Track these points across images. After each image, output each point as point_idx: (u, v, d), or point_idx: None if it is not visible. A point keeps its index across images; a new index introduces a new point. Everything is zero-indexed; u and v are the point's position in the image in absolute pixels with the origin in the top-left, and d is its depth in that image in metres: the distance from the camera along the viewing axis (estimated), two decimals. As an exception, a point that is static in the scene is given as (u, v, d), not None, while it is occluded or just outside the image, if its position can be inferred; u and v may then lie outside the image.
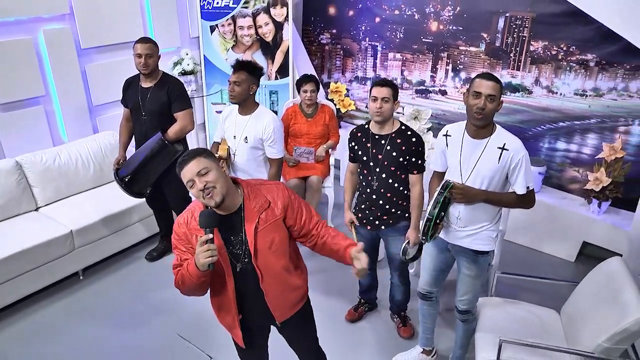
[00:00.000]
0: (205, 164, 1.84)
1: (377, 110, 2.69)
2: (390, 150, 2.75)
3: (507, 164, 2.33)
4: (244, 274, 1.96)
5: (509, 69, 4.40)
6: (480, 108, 2.25)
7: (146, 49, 3.31)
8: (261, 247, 1.92)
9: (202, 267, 1.78)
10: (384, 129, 2.77)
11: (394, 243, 2.93)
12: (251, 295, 2.01)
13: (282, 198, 1.97)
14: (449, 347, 3.03)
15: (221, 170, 1.88)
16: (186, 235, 1.93)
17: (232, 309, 2.02)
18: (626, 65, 3.78)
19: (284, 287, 2.04)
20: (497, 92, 2.26)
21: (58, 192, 3.88)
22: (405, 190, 2.85)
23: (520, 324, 2.73)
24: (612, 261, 2.60)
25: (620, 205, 3.93)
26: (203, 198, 1.84)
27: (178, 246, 1.96)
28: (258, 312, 2.06)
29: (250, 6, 4.90)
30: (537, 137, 4.38)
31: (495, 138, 2.35)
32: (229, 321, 2.09)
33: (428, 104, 4.93)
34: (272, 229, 1.94)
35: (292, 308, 2.14)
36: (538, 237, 4.19)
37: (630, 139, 3.89)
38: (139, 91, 3.47)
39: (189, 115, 3.49)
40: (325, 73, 5.71)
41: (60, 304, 3.49)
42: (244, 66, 3.00)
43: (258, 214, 1.92)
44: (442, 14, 4.66)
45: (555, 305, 2.89)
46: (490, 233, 2.49)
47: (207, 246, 1.76)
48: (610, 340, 2.26)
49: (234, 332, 2.13)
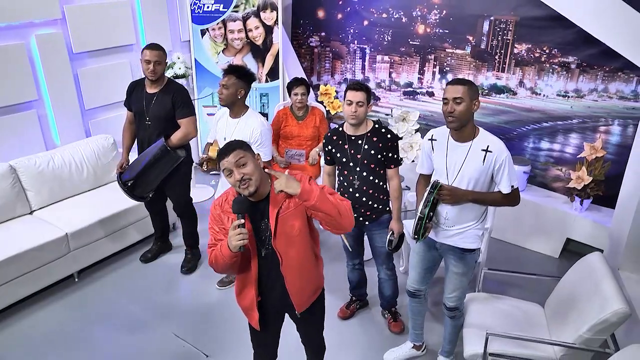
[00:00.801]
0: (244, 157, 1.99)
1: (352, 114, 2.80)
2: (368, 149, 2.87)
3: (492, 165, 2.43)
4: (268, 259, 2.13)
5: (494, 71, 4.52)
6: (449, 112, 2.37)
7: (155, 56, 3.36)
8: (281, 231, 2.07)
9: (234, 249, 1.95)
10: (359, 130, 2.90)
11: (378, 237, 3.04)
12: (272, 279, 2.17)
13: None
14: (438, 342, 3.13)
15: (257, 162, 2.03)
16: (220, 217, 2.12)
17: (252, 290, 2.17)
18: (605, 67, 3.92)
19: (302, 274, 2.19)
20: (464, 94, 2.35)
21: (52, 195, 3.92)
22: (385, 185, 2.99)
23: (506, 318, 2.84)
24: (592, 256, 2.73)
25: (601, 203, 4.07)
26: (239, 187, 1.99)
27: (213, 226, 2.14)
28: (277, 297, 2.21)
29: (240, 10, 4.96)
30: (521, 137, 4.51)
31: (478, 141, 2.46)
32: (248, 303, 2.23)
33: (416, 105, 5.04)
34: (293, 216, 2.08)
35: (310, 297, 2.29)
36: (523, 234, 4.32)
37: (610, 138, 4.03)
38: (144, 96, 3.50)
39: (193, 122, 3.54)
40: (314, 75, 5.79)
41: (56, 306, 3.53)
42: (234, 70, 3.09)
43: (281, 201, 2.06)
44: (428, 17, 4.76)
45: (540, 300, 3.01)
46: (476, 231, 2.59)
47: (239, 230, 1.93)
48: (590, 331, 2.38)
49: (250, 315, 2.26)
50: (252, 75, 3.18)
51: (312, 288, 2.29)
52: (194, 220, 3.89)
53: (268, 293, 2.21)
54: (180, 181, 3.70)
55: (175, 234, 4.31)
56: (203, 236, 4.19)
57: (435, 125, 4.91)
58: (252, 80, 3.19)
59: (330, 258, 4.09)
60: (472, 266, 2.70)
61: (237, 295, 2.28)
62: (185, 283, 3.84)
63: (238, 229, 1.93)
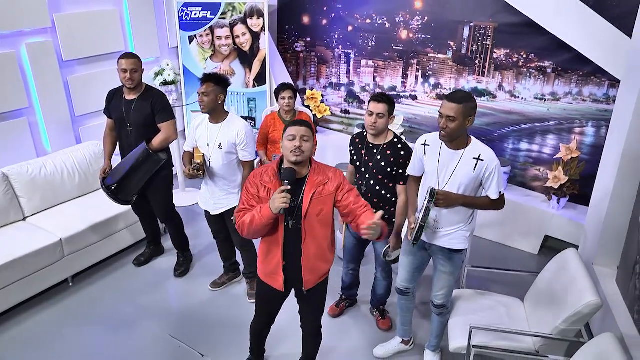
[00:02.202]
0: (309, 135, 2.32)
1: (372, 125, 2.89)
2: (380, 160, 2.95)
3: (482, 173, 2.56)
4: (292, 232, 2.39)
5: (475, 75, 4.69)
6: (442, 128, 2.50)
7: (131, 64, 3.45)
8: (311, 212, 2.35)
9: (276, 210, 2.21)
10: (378, 139, 2.98)
11: (379, 243, 3.14)
12: (292, 252, 2.42)
13: (338, 180, 2.41)
14: (425, 336, 3.28)
15: (313, 146, 2.38)
16: (257, 185, 2.38)
17: (279, 254, 2.42)
18: (579, 71, 4.11)
19: (318, 254, 2.45)
20: (458, 113, 2.44)
21: (45, 201, 3.97)
22: (393, 198, 3.03)
23: (489, 312, 3.00)
24: (567, 252, 2.90)
25: (576, 201, 4.27)
26: (291, 152, 2.28)
27: (248, 192, 2.39)
28: (293, 270, 2.46)
29: (227, 17, 5.06)
30: (502, 139, 4.68)
31: (470, 150, 2.58)
32: (273, 266, 2.47)
33: (400, 108, 5.18)
34: (323, 201, 2.37)
35: (319, 278, 2.53)
36: (504, 233, 4.49)
37: (585, 139, 4.23)
38: (123, 103, 3.58)
39: (173, 125, 3.63)
40: (300, 80, 5.91)
41: (51, 311, 3.59)
42: (211, 78, 3.20)
43: (317, 186, 2.35)
44: (411, 23, 4.91)
45: (520, 294, 3.17)
46: (464, 233, 2.73)
47: (284, 194, 2.19)
48: (566, 322, 2.54)
49: (274, 278, 2.50)
50: (228, 81, 3.30)
51: (323, 270, 2.52)
52: (180, 224, 3.97)
53: (287, 262, 2.45)
54: (162, 185, 3.76)
55: (167, 237, 4.38)
56: (194, 239, 4.28)
57: (418, 128, 5.10)
58: (228, 86, 3.30)
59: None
60: (459, 266, 2.83)
61: (261, 261, 2.53)
62: (178, 285, 3.92)
63: (283, 193, 2.19)
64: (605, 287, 3.18)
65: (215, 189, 3.37)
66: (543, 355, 2.69)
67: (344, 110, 5.71)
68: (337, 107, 5.73)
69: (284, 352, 3.19)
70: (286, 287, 2.53)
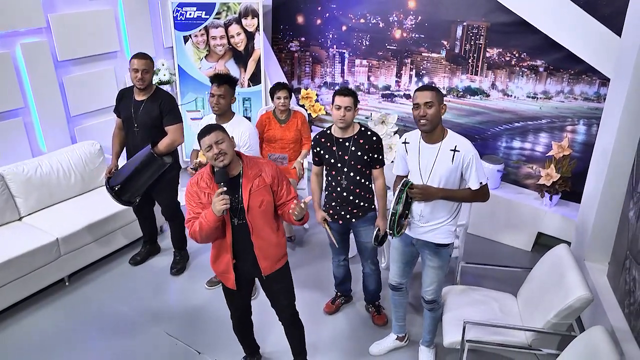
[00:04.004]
0: (222, 136, 2.37)
1: (341, 118, 2.98)
2: (355, 151, 3.04)
3: (460, 164, 2.61)
4: (239, 229, 2.48)
5: (468, 74, 4.73)
6: (421, 116, 2.55)
7: (143, 65, 3.46)
8: (253, 205, 2.45)
9: (218, 212, 2.30)
10: (346, 133, 3.07)
11: (364, 233, 3.20)
12: (243, 246, 2.52)
13: (272, 171, 2.52)
14: (418, 333, 3.31)
15: (231, 143, 2.41)
16: (197, 193, 2.46)
17: (228, 255, 2.52)
18: (571, 70, 4.16)
19: (269, 241, 2.55)
20: (434, 98, 2.54)
21: (40, 201, 3.98)
22: (370, 184, 3.17)
23: (482, 307, 3.03)
24: (559, 248, 2.94)
25: (568, 198, 4.31)
26: (215, 160, 2.36)
27: (191, 202, 2.47)
28: (248, 262, 2.56)
29: (222, 17, 5.08)
30: (495, 137, 4.73)
31: (447, 141, 2.64)
32: (223, 267, 2.58)
33: (394, 107, 5.23)
34: (262, 192, 2.47)
35: (276, 263, 2.63)
36: (498, 230, 4.54)
37: (576, 137, 4.28)
38: (132, 103, 3.58)
39: (180, 129, 3.64)
40: (295, 79, 5.93)
41: (48, 310, 3.60)
42: (227, 80, 3.22)
43: (253, 179, 2.45)
44: (405, 23, 4.95)
45: (513, 290, 3.21)
46: (449, 227, 2.77)
47: (222, 196, 2.29)
48: (557, 316, 2.58)
49: (226, 277, 2.61)
50: (237, 81, 3.33)
51: (278, 254, 2.62)
52: (182, 223, 3.99)
53: (240, 258, 2.55)
54: (168, 186, 3.79)
55: (163, 236, 4.40)
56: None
57: (412, 126, 5.13)
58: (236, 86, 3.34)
59: (315, 256, 4.25)
60: (447, 260, 2.87)
61: (212, 263, 2.63)
62: (174, 284, 3.95)
63: (221, 195, 2.28)
64: (596, 281, 3.23)
65: None
66: (535, 349, 2.73)
67: (339, 110, 5.73)
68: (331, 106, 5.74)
69: (280, 348, 3.20)
70: (242, 283, 2.65)
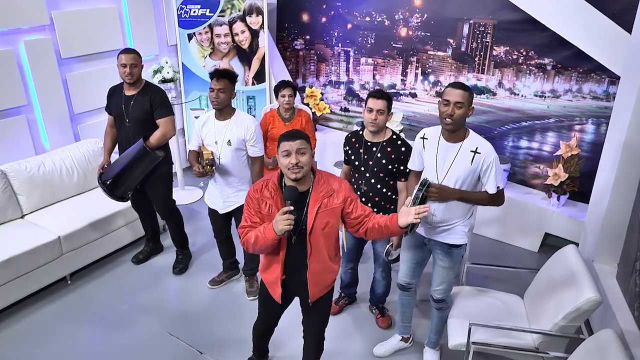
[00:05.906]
0: (305, 146, 2.16)
1: (372, 121, 2.86)
2: (380, 158, 2.93)
3: (479, 166, 2.55)
4: (296, 247, 2.30)
5: (475, 73, 4.68)
6: (449, 115, 2.48)
7: (131, 59, 3.44)
8: (317, 227, 2.25)
9: (279, 232, 2.11)
10: (376, 137, 2.95)
11: (380, 242, 3.12)
12: (297, 266, 2.34)
13: (344, 192, 2.30)
14: (424, 335, 3.26)
15: (311, 157, 2.21)
16: (258, 200, 2.27)
17: (278, 270, 2.35)
18: (579, 68, 4.10)
19: (324, 267, 2.38)
20: (465, 99, 2.47)
21: (43, 199, 3.96)
22: (393, 195, 3.03)
23: (488, 309, 2.99)
24: (567, 249, 2.89)
25: (576, 198, 4.25)
26: (289, 170, 2.14)
27: (249, 208, 2.29)
28: (297, 282, 2.39)
29: (226, 15, 5.05)
30: (502, 136, 4.67)
31: (468, 142, 2.57)
32: (273, 279, 2.42)
33: (399, 106, 5.18)
34: (329, 214, 2.26)
35: (324, 289, 2.47)
36: (504, 230, 4.48)
37: (585, 136, 4.22)
38: (122, 99, 3.57)
39: (171, 122, 3.62)
40: (299, 77, 5.89)
41: (50, 308, 3.58)
42: (226, 75, 3.18)
43: (322, 199, 2.24)
44: (410, 21, 4.90)
45: (520, 291, 3.16)
46: (463, 228, 2.71)
47: (287, 215, 2.08)
48: (565, 318, 2.53)
49: (273, 289, 2.45)
50: (237, 77, 3.30)
51: (328, 281, 2.47)
52: (180, 221, 3.96)
53: (290, 276, 2.39)
54: (161, 182, 3.75)
55: (166, 235, 4.37)
56: (193, 236, 4.28)
57: (418, 125, 5.09)
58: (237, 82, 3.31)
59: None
60: (458, 261, 2.82)
61: (261, 271, 2.49)
62: (177, 283, 3.92)
63: (287, 214, 2.08)
64: (605, 283, 3.17)
65: (225, 187, 3.35)
66: (543, 351, 2.67)
67: (344, 108, 5.70)
68: (336, 105, 5.71)
69: (288, 353, 3.16)
70: (287, 299, 2.51)
